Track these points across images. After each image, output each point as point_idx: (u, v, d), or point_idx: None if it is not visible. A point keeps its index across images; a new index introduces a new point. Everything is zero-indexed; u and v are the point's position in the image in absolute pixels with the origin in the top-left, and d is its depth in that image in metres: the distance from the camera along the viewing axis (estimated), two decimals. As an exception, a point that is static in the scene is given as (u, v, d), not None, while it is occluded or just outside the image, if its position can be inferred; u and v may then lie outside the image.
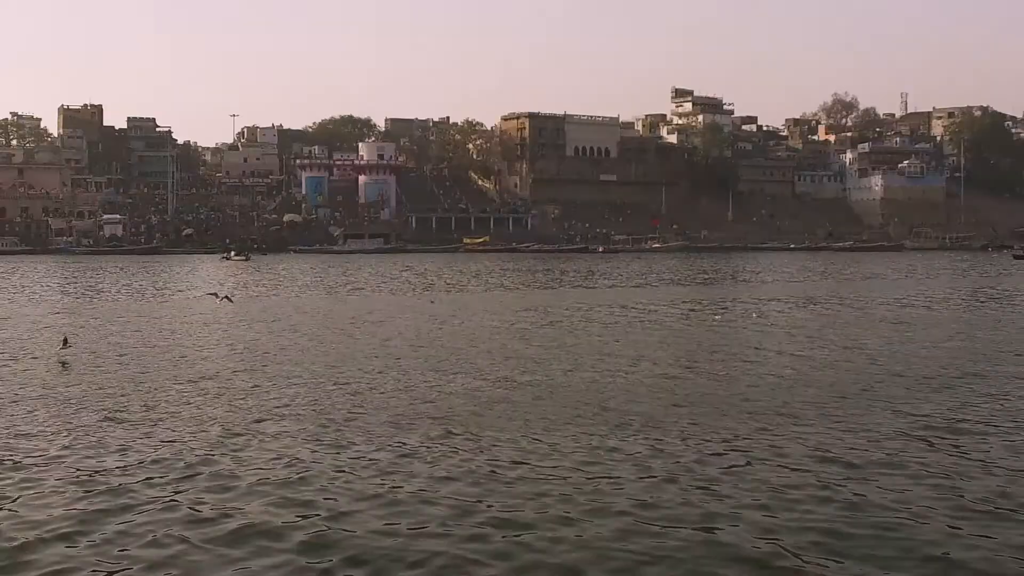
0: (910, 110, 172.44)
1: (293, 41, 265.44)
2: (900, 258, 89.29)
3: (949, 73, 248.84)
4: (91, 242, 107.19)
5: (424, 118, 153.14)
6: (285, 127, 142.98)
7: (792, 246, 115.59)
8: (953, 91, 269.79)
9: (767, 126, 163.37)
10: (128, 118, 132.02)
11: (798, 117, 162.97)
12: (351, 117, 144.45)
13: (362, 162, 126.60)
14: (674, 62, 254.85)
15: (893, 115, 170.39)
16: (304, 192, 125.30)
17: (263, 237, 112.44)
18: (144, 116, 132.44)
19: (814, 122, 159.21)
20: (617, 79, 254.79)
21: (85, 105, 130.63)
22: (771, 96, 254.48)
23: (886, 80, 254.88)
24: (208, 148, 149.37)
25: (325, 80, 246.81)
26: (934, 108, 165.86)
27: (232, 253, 76.04)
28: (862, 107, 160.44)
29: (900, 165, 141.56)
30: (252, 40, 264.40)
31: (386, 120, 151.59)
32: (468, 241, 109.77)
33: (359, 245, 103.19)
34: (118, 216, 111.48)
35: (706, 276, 53.95)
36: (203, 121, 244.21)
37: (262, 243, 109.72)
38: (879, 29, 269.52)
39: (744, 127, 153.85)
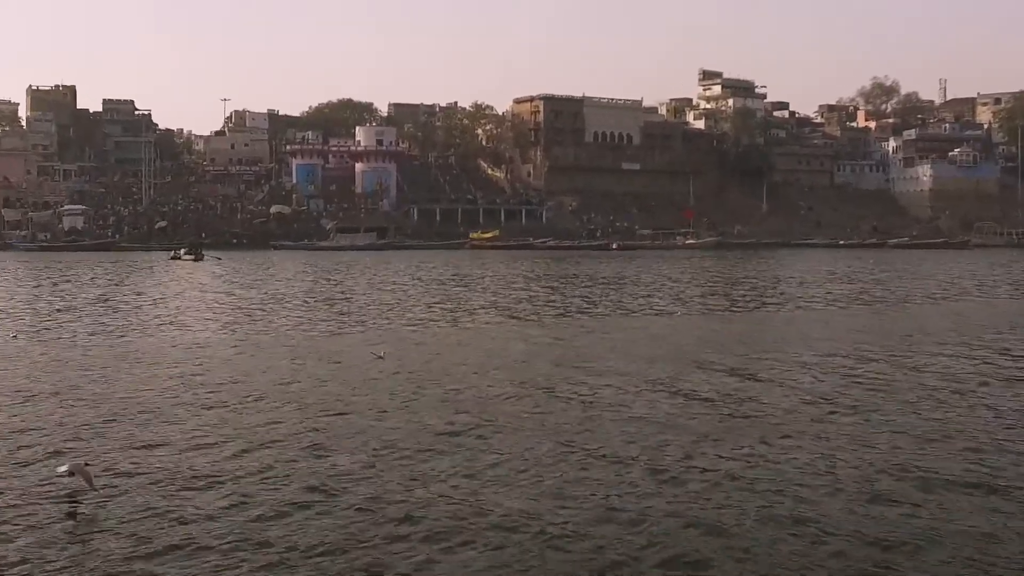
0: (949, 96, 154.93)
1: (292, 26, 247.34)
2: (988, 257, 71.99)
3: (990, 57, 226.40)
4: (48, 236, 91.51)
5: (430, 103, 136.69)
6: (280, 113, 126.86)
7: (841, 242, 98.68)
8: (996, 76, 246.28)
9: (797, 113, 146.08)
10: (103, 100, 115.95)
11: (832, 103, 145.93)
12: (350, 101, 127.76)
13: (359, 148, 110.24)
14: (698, 44, 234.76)
15: (932, 102, 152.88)
16: (295, 181, 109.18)
17: (245, 231, 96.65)
18: (121, 98, 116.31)
19: (852, 108, 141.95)
20: (639, 60, 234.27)
21: (56, 86, 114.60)
22: (801, 81, 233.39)
23: (920, 65, 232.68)
24: (202, 137, 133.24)
25: (325, 66, 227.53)
26: (979, 94, 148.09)
27: (182, 252, 59.72)
28: (903, 92, 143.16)
29: (951, 154, 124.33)
30: (249, 27, 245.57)
31: (389, 105, 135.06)
32: (475, 236, 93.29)
33: (349, 240, 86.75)
34: (80, 207, 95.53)
35: (777, 293, 35.53)
36: (200, 109, 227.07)
37: (242, 238, 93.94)
38: (913, 11, 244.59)
39: (776, 113, 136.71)
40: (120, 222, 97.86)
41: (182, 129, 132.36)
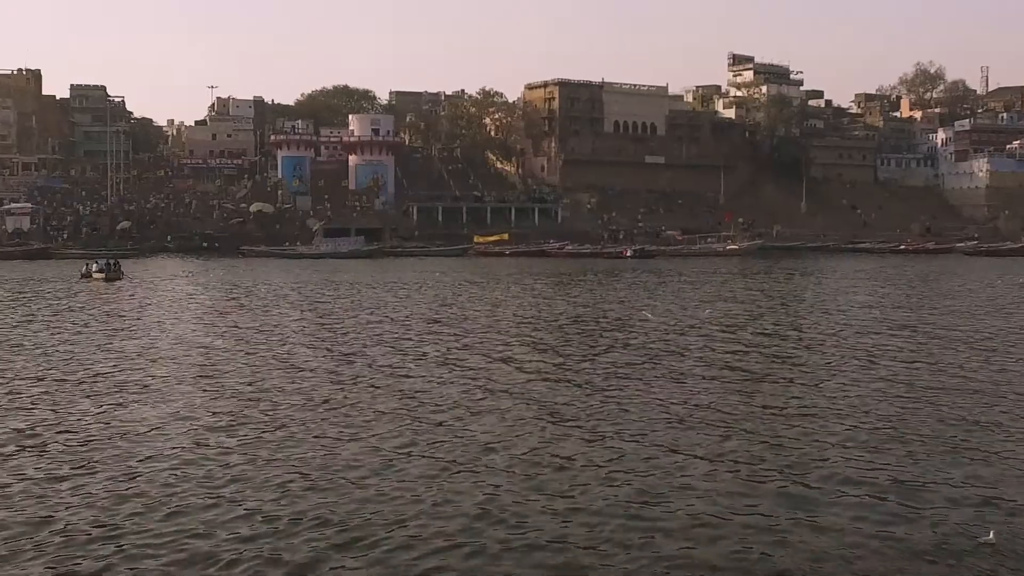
0: (992, 85, 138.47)
1: (289, 12, 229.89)
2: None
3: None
4: (-11, 240, 76.76)
5: (435, 91, 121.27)
6: (274, 101, 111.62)
7: (902, 247, 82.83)
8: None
9: (833, 102, 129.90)
10: (71, 86, 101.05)
11: (871, 92, 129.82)
12: (346, 88, 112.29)
13: (352, 138, 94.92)
14: (722, 28, 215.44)
15: (974, 91, 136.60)
16: (280, 175, 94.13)
17: (220, 232, 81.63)
18: (92, 84, 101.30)
19: (894, 96, 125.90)
20: (661, 44, 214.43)
21: (19, 70, 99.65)
22: (832, 69, 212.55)
23: (957, 52, 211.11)
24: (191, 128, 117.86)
25: (324, 53, 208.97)
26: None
27: (93, 268, 44.23)
28: (949, 79, 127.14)
29: (1009, 146, 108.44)
30: (245, 12, 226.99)
31: (390, 93, 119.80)
32: (480, 240, 77.93)
33: (332, 246, 71.33)
34: (28, 206, 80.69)
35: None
36: (196, 100, 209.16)
37: (214, 241, 78.95)
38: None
39: (811, 102, 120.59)
40: (78, 222, 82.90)
41: (172, 120, 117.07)
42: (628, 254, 70.01)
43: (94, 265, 43.94)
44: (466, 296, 35.35)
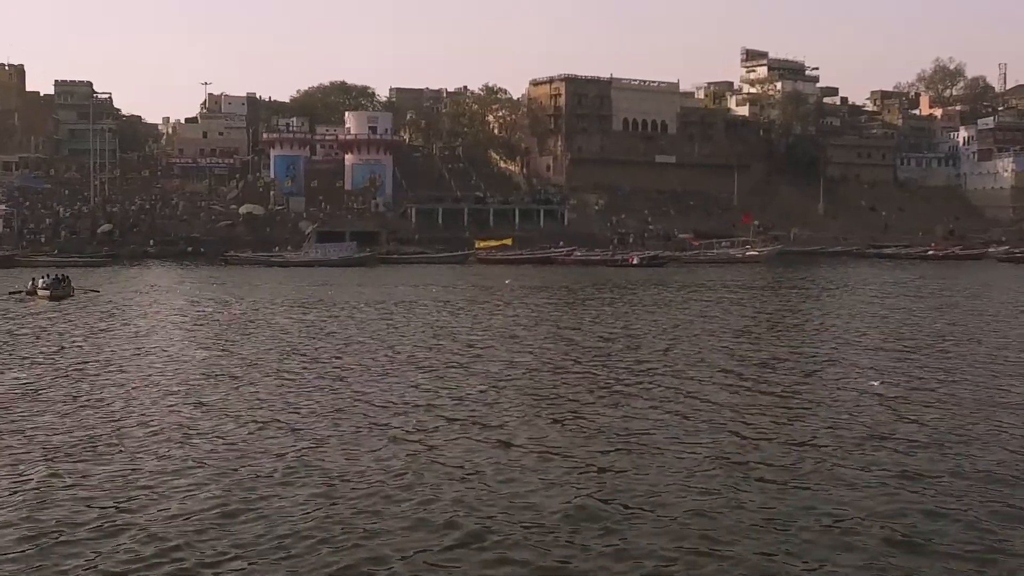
0: (1010, 83, 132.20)
1: (286, 7, 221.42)
2: None
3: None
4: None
5: (437, 88, 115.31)
6: (271, 99, 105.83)
7: (929, 252, 76.86)
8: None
9: (848, 99, 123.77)
10: (56, 82, 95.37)
11: (887, 89, 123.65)
12: (343, 84, 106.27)
13: (349, 137, 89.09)
14: (731, 22, 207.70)
15: (992, 88, 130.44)
16: (273, 175, 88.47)
17: (207, 236, 75.98)
18: (77, 79, 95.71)
19: (912, 94, 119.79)
20: (670, 40, 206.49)
21: (2, 65, 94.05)
22: (846, 66, 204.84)
23: (973, 49, 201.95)
24: (181, 125, 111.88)
25: (324, 52, 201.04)
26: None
27: (39, 284, 38.17)
28: (969, 76, 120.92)
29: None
30: (242, 7, 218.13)
31: (390, 90, 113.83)
32: (481, 245, 72.06)
33: (323, 252, 65.42)
34: (2, 207, 75.12)
35: None
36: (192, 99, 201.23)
37: (199, 246, 73.30)
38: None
39: (825, 100, 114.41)
40: (58, 225, 77.25)
41: (168, 118, 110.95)
42: (635, 262, 63.84)
43: (40, 280, 38.02)
44: (450, 334, 29.56)
